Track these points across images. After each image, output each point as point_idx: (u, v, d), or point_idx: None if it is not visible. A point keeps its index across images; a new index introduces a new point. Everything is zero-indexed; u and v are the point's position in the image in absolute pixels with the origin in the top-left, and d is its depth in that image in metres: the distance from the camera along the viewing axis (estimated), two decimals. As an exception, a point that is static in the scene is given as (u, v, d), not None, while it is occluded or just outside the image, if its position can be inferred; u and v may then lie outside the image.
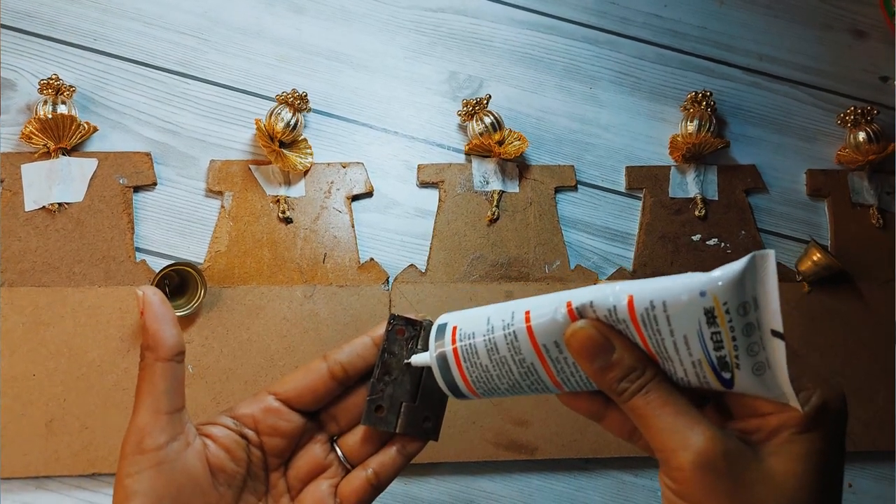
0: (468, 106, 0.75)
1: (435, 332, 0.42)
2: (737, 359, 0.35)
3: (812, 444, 0.35)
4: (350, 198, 0.72)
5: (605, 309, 0.36)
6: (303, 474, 0.45)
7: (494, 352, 0.39)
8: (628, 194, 0.77)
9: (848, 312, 0.75)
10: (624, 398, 0.37)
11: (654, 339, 0.36)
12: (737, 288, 0.34)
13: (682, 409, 0.36)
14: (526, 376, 0.39)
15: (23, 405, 0.64)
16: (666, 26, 0.83)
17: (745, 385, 0.35)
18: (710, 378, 0.36)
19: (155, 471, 0.40)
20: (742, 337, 0.34)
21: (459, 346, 0.40)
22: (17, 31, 0.74)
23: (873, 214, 0.78)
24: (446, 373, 0.41)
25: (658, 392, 0.36)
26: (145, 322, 0.42)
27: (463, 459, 0.68)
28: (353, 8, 0.79)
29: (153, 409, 0.41)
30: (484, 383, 0.40)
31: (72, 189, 0.69)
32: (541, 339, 0.38)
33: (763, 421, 0.36)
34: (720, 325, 0.34)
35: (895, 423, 0.73)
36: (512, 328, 0.38)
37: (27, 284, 0.66)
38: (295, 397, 0.45)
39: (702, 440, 0.35)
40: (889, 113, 0.83)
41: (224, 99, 0.74)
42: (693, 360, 0.35)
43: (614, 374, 0.37)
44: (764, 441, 0.36)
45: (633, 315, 0.35)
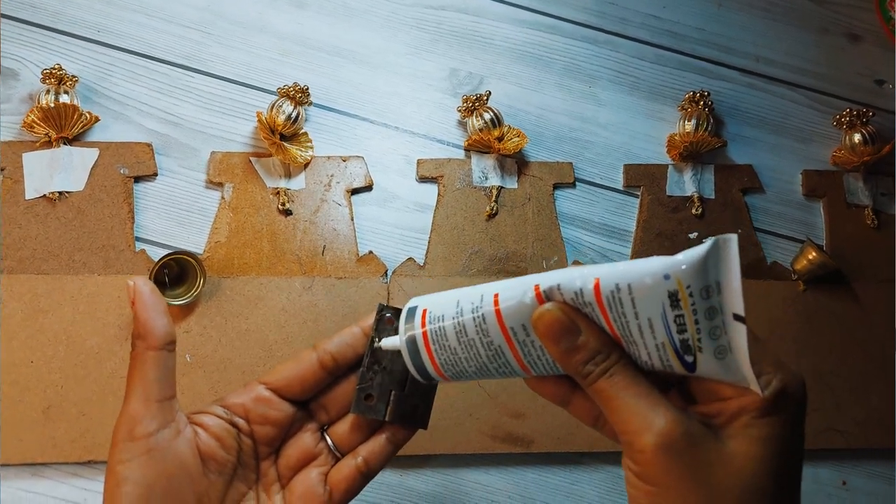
0: (468, 102, 0.75)
1: (405, 315, 0.42)
2: (699, 342, 0.35)
3: (772, 427, 0.35)
4: (350, 191, 0.73)
5: (572, 291, 0.36)
6: (293, 462, 0.46)
7: (463, 334, 0.39)
8: (626, 192, 0.78)
9: (843, 311, 0.76)
10: (589, 381, 0.37)
11: (619, 322, 0.36)
12: (700, 271, 0.34)
13: (645, 392, 0.36)
14: (494, 359, 0.39)
15: (20, 392, 0.64)
16: (664, 27, 0.84)
17: (706, 369, 0.36)
18: (673, 361, 0.36)
19: (146, 458, 0.40)
20: (704, 320, 0.35)
21: (429, 329, 0.41)
22: (21, 22, 0.74)
23: (868, 215, 0.78)
24: (416, 356, 0.41)
25: (622, 375, 0.37)
26: (136, 312, 0.42)
27: (459, 451, 0.68)
28: (355, 4, 0.80)
29: (144, 398, 0.41)
30: (452, 366, 0.41)
31: (73, 178, 0.69)
32: (509, 322, 0.38)
33: (724, 405, 0.36)
34: (683, 308, 0.34)
35: (890, 420, 0.73)
36: (481, 311, 0.39)
37: (27, 272, 0.67)
38: (285, 387, 0.45)
39: (663, 422, 0.35)
40: (884, 115, 0.84)
41: (226, 91, 0.75)
42: (657, 343, 0.36)
43: (580, 357, 0.37)
44: (725, 424, 0.36)
45: (599, 298, 0.36)
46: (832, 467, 0.73)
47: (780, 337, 0.74)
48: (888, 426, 0.73)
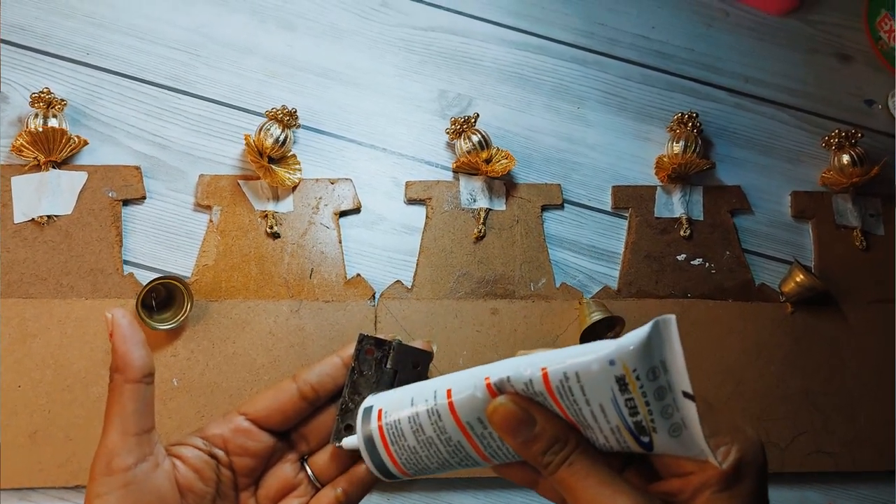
0: (456, 124, 0.75)
1: (361, 414, 0.42)
2: (652, 422, 0.35)
3: (734, 500, 0.35)
4: (338, 213, 0.73)
5: (522, 383, 0.36)
6: (273, 493, 0.46)
7: (420, 432, 0.39)
8: (614, 213, 0.78)
9: (831, 333, 0.76)
10: (549, 470, 0.37)
11: (572, 409, 0.36)
12: (644, 354, 0.34)
13: (607, 479, 0.36)
14: (454, 454, 0.39)
15: (8, 416, 0.64)
16: (653, 48, 0.84)
17: (664, 446, 0.36)
18: (630, 442, 0.36)
19: (123, 491, 0.40)
20: (655, 401, 0.35)
21: (385, 427, 0.41)
22: (11, 45, 0.74)
23: (857, 236, 0.79)
24: (375, 455, 0.41)
25: (582, 463, 0.37)
26: (114, 344, 0.42)
27: (446, 475, 0.68)
28: (343, 25, 0.80)
29: (122, 431, 0.41)
30: (414, 464, 0.41)
31: (61, 202, 0.69)
32: (464, 417, 0.38)
33: (685, 481, 0.36)
34: (632, 391, 0.35)
35: (878, 442, 0.73)
36: (435, 407, 0.39)
37: (15, 296, 0.67)
38: (265, 417, 0.45)
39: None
40: (873, 136, 0.84)
41: (214, 114, 0.75)
42: (612, 427, 0.36)
43: (538, 447, 0.37)
44: (687, 502, 0.36)
45: (549, 387, 0.36)
46: (820, 490, 0.73)
47: (768, 359, 0.74)
48: (876, 448, 0.73)
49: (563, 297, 0.73)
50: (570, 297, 0.73)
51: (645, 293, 0.75)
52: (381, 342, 0.45)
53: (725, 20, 0.87)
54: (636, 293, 0.75)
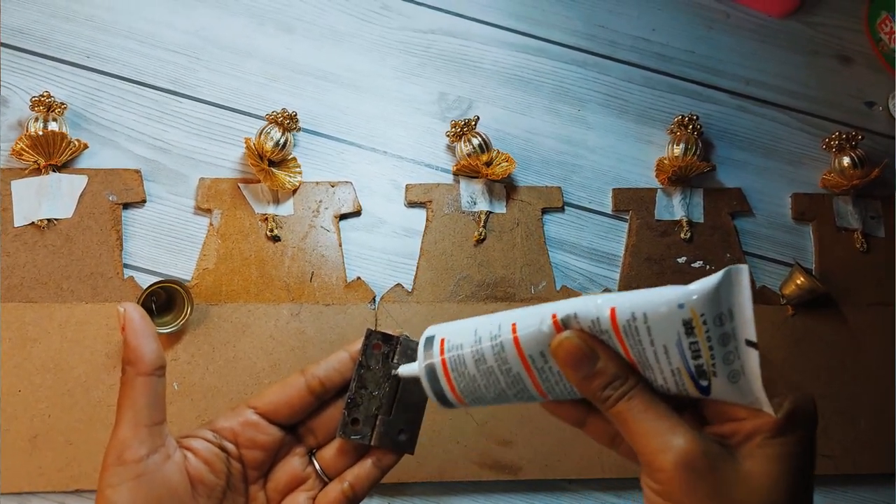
0: (456, 127, 0.75)
1: (423, 343, 0.43)
2: (713, 367, 0.36)
3: (785, 447, 0.37)
4: (338, 217, 0.73)
5: (589, 320, 0.37)
6: (281, 486, 0.46)
7: (482, 362, 0.40)
8: (615, 216, 0.78)
9: (831, 336, 0.76)
10: (608, 405, 0.38)
11: (635, 349, 0.37)
12: (713, 300, 0.35)
13: (664, 414, 0.38)
14: (512, 385, 0.40)
15: (7, 420, 0.64)
16: (654, 50, 0.84)
17: (721, 392, 0.37)
18: (689, 386, 0.37)
19: (135, 482, 0.41)
20: (718, 346, 0.36)
21: (448, 357, 0.41)
22: (10, 48, 0.74)
23: (857, 239, 0.78)
24: (435, 383, 0.42)
25: (640, 398, 0.38)
26: (126, 337, 0.43)
27: (446, 479, 0.68)
28: (343, 28, 0.80)
29: (134, 422, 0.42)
30: (471, 392, 0.41)
31: (61, 205, 0.69)
32: (527, 350, 0.39)
33: (738, 425, 0.38)
34: (698, 335, 0.36)
35: (878, 445, 0.73)
36: (499, 339, 0.40)
37: (15, 300, 0.67)
38: (273, 411, 0.46)
39: (682, 442, 0.36)
40: (874, 138, 0.84)
41: (214, 117, 0.75)
42: (672, 369, 0.37)
43: (598, 382, 0.38)
44: (739, 444, 0.37)
45: (616, 326, 0.37)
46: (820, 493, 0.73)
47: (768, 361, 0.74)
48: (877, 451, 0.73)
49: (563, 299, 0.73)
50: (571, 300, 0.73)
51: (645, 296, 0.74)
52: (389, 337, 0.46)
53: (726, 22, 0.87)
54: (637, 296, 0.74)
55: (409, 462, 0.67)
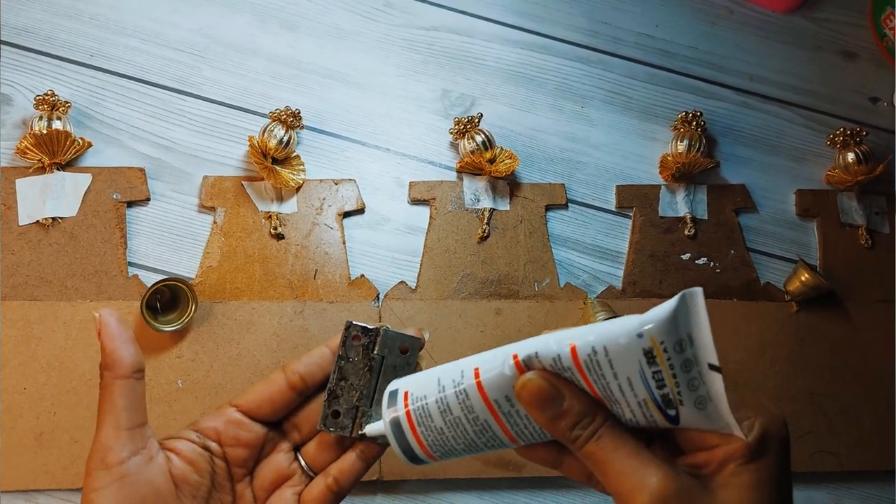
0: (460, 124, 0.75)
1: (387, 398, 0.42)
2: (679, 395, 0.36)
3: (759, 472, 0.36)
4: (341, 214, 0.73)
5: (550, 358, 0.37)
6: (267, 483, 0.47)
7: (447, 413, 0.40)
8: (618, 213, 0.78)
9: (836, 333, 0.75)
10: (578, 445, 0.38)
11: (599, 384, 0.37)
12: (671, 326, 0.35)
13: (634, 452, 0.37)
14: (481, 434, 0.40)
15: (13, 419, 0.64)
16: (657, 46, 0.84)
17: (690, 420, 0.37)
18: (657, 416, 0.37)
19: (118, 485, 0.41)
20: (682, 373, 0.35)
21: (412, 409, 0.41)
22: (15, 47, 0.74)
23: (862, 235, 0.78)
24: (401, 439, 0.41)
25: (610, 436, 0.37)
26: (102, 342, 0.43)
27: (450, 476, 0.68)
28: (346, 26, 0.80)
29: (114, 426, 0.42)
30: (440, 446, 0.41)
31: (65, 204, 0.69)
32: (492, 395, 0.38)
33: (710, 454, 0.37)
34: (660, 363, 0.35)
35: (883, 441, 0.73)
36: (462, 386, 0.39)
37: (20, 298, 0.67)
38: (255, 408, 0.46)
39: (656, 481, 0.36)
40: (878, 134, 0.84)
41: (218, 115, 0.75)
42: (639, 401, 0.37)
43: (566, 422, 0.38)
44: (713, 474, 0.37)
45: (577, 362, 0.36)
46: (825, 490, 0.73)
47: (773, 358, 0.74)
48: (881, 448, 0.73)
49: (567, 296, 0.73)
50: (575, 296, 0.73)
51: (649, 293, 0.74)
52: (368, 329, 0.46)
53: (730, 18, 0.86)
54: (640, 293, 0.75)
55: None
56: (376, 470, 0.67)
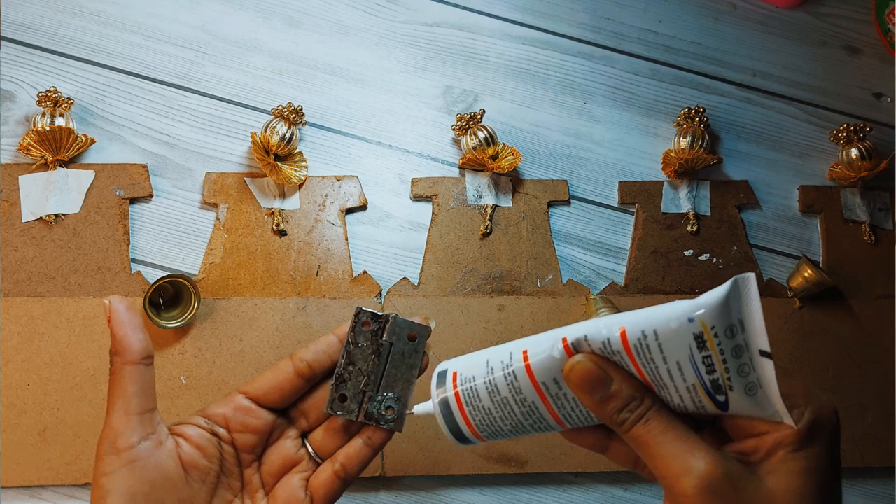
0: (462, 120, 0.75)
1: (436, 379, 0.43)
2: (729, 381, 0.36)
3: (808, 460, 0.36)
4: (344, 211, 0.73)
5: (600, 342, 0.37)
6: (275, 469, 0.47)
7: (496, 393, 0.40)
8: (621, 209, 0.78)
9: (839, 329, 0.75)
10: (625, 428, 0.38)
11: (648, 368, 0.37)
12: (723, 311, 0.35)
13: (682, 435, 0.37)
14: (528, 415, 0.40)
15: (17, 414, 0.65)
16: (660, 42, 0.84)
17: (739, 406, 0.37)
18: (706, 402, 0.37)
19: (128, 469, 0.41)
20: (732, 359, 0.35)
21: (461, 391, 0.41)
22: (17, 43, 0.74)
23: (865, 231, 0.78)
24: (450, 419, 0.42)
25: (658, 420, 0.37)
26: (112, 329, 0.44)
27: (453, 472, 0.68)
28: (349, 22, 0.80)
29: (124, 411, 0.42)
30: (487, 426, 0.41)
31: (69, 200, 0.69)
32: (540, 377, 0.39)
33: (759, 441, 0.37)
34: (710, 348, 0.35)
35: (887, 438, 0.73)
36: (511, 368, 0.40)
37: (23, 295, 0.67)
38: (263, 395, 0.47)
39: (703, 465, 0.36)
40: (882, 129, 0.84)
41: (221, 112, 0.75)
42: (687, 386, 0.37)
43: (614, 405, 0.38)
44: (762, 461, 0.37)
45: (627, 346, 0.37)
46: (828, 486, 0.73)
47: (776, 355, 0.73)
48: (884, 444, 0.73)
49: (569, 293, 0.73)
50: (577, 293, 0.73)
51: (652, 289, 0.74)
52: (378, 315, 0.46)
53: (733, 14, 0.86)
54: (643, 289, 0.74)
55: (415, 455, 0.67)
56: (379, 466, 0.67)
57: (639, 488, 0.70)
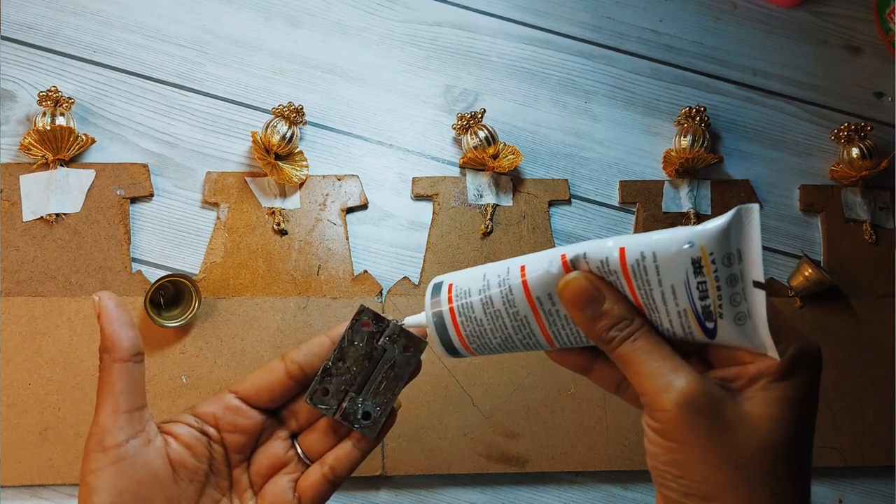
0: (463, 120, 0.75)
1: (430, 290, 0.43)
2: (720, 308, 0.36)
3: (788, 390, 0.37)
4: (345, 210, 0.73)
5: (598, 260, 0.38)
6: (264, 470, 0.47)
7: (489, 306, 0.40)
8: (622, 208, 0.77)
9: (840, 328, 0.75)
10: (612, 346, 0.39)
11: (642, 290, 0.37)
12: (723, 239, 0.35)
13: (668, 356, 0.38)
14: (519, 330, 0.40)
15: (18, 414, 0.65)
16: (661, 41, 0.84)
17: (726, 335, 0.37)
18: (695, 328, 0.37)
19: (115, 467, 0.41)
20: (726, 287, 0.36)
21: (455, 303, 0.42)
22: (18, 43, 0.74)
23: (866, 230, 0.78)
24: (442, 330, 0.42)
25: (645, 340, 0.38)
26: (102, 325, 0.43)
27: (454, 471, 0.68)
28: (350, 21, 0.80)
29: (112, 409, 0.42)
30: (478, 338, 0.42)
31: (69, 200, 0.70)
32: (535, 292, 0.39)
33: (742, 369, 0.38)
34: (706, 274, 0.36)
35: (887, 437, 0.73)
36: (507, 282, 0.40)
37: (24, 294, 0.67)
38: (254, 395, 0.46)
39: (684, 383, 0.36)
40: (883, 129, 0.83)
41: (221, 111, 0.75)
42: (679, 310, 0.37)
43: (604, 323, 0.38)
44: (743, 388, 0.37)
45: (624, 266, 0.37)
46: (828, 485, 0.73)
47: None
48: (885, 443, 0.73)
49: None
50: (578, 292, 0.73)
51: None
52: (380, 318, 0.46)
53: (733, 13, 0.86)
54: (644, 288, 0.74)
55: (416, 454, 0.67)
56: (379, 465, 0.67)
57: (639, 487, 0.70)
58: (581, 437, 0.69)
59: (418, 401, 0.69)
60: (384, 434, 0.47)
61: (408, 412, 0.68)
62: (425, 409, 0.69)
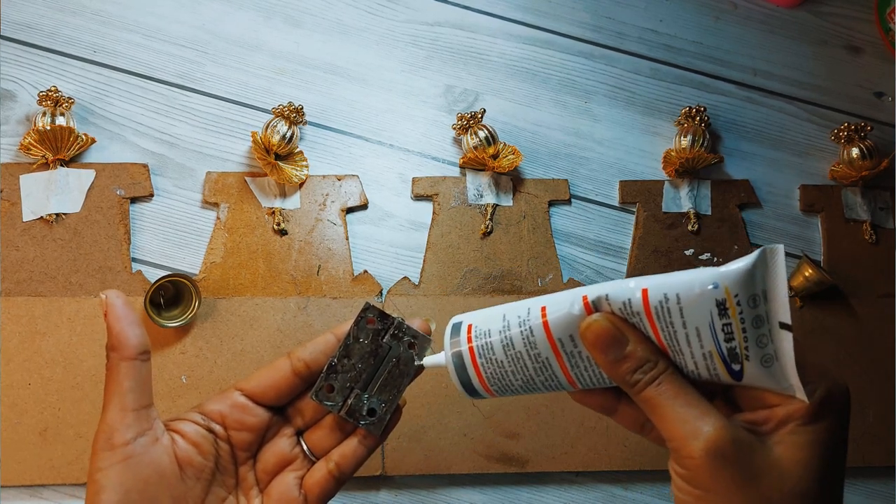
0: (463, 120, 0.75)
1: (450, 331, 0.43)
2: (746, 350, 0.36)
3: (817, 434, 0.36)
4: (345, 210, 0.73)
5: (620, 302, 0.37)
6: (270, 467, 0.47)
7: (510, 347, 0.40)
8: (622, 208, 0.77)
9: (840, 328, 0.75)
10: (637, 389, 0.38)
11: (666, 332, 0.37)
12: (748, 280, 0.35)
13: (694, 400, 0.37)
14: (540, 372, 0.40)
15: (18, 414, 0.65)
16: (661, 41, 0.84)
17: (753, 377, 0.37)
18: (720, 370, 0.37)
19: (123, 465, 0.41)
20: (752, 329, 0.36)
21: (475, 344, 0.41)
22: (18, 43, 0.74)
23: (866, 230, 0.78)
24: (462, 371, 0.42)
25: (670, 383, 0.38)
26: (109, 323, 0.43)
27: (454, 471, 0.68)
28: (350, 21, 0.80)
29: (120, 407, 0.42)
30: (498, 380, 0.41)
31: (69, 200, 0.70)
32: (556, 333, 0.39)
33: (770, 413, 0.37)
34: (731, 316, 0.35)
35: (887, 438, 0.73)
36: (528, 324, 0.40)
37: (24, 294, 0.67)
38: (260, 393, 0.47)
39: (712, 429, 0.36)
40: (883, 129, 0.83)
41: (221, 111, 0.75)
42: (704, 352, 0.37)
43: (628, 366, 0.38)
44: (771, 432, 0.37)
45: (648, 308, 0.37)
46: (828, 485, 0.73)
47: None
48: (885, 443, 0.73)
49: (570, 292, 0.73)
50: (578, 292, 0.73)
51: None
52: (385, 316, 0.46)
53: (734, 13, 0.86)
54: (644, 288, 0.74)
55: (416, 454, 0.67)
56: (379, 465, 0.67)
57: (639, 487, 0.70)
58: (581, 437, 0.69)
59: (418, 401, 0.69)
60: (389, 431, 0.47)
61: (408, 412, 0.68)
62: (425, 409, 0.69)
